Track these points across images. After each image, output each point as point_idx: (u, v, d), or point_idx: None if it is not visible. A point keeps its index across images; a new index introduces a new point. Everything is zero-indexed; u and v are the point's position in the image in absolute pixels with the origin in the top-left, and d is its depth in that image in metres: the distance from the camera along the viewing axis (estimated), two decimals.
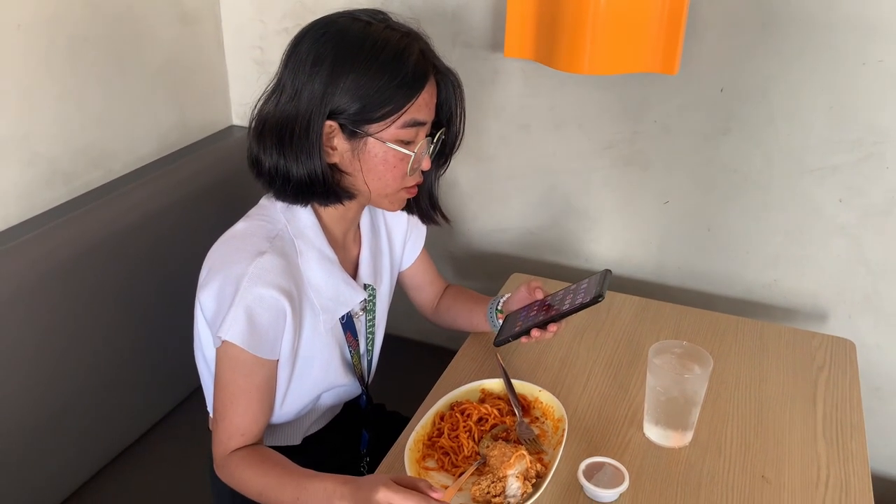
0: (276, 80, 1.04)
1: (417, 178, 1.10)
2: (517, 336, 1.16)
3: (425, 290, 1.39)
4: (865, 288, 1.55)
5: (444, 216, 1.23)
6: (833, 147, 1.46)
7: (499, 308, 1.27)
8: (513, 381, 1.20)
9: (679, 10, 1.37)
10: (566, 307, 1.13)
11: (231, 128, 1.87)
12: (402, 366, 1.46)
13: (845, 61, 1.39)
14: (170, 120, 1.67)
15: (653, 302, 1.51)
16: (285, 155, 1.02)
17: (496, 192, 1.74)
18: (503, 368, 1.22)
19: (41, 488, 1.30)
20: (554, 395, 1.17)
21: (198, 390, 1.55)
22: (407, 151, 1.04)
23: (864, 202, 1.48)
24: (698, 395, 1.11)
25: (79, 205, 1.41)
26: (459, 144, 1.16)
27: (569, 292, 1.17)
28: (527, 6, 1.46)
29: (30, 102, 1.33)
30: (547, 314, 1.15)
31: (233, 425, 1.05)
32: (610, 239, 1.72)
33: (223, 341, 1.01)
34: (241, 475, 1.04)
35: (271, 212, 1.09)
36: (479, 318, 1.32)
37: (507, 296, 1.27)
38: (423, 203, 1.19)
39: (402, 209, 1.16)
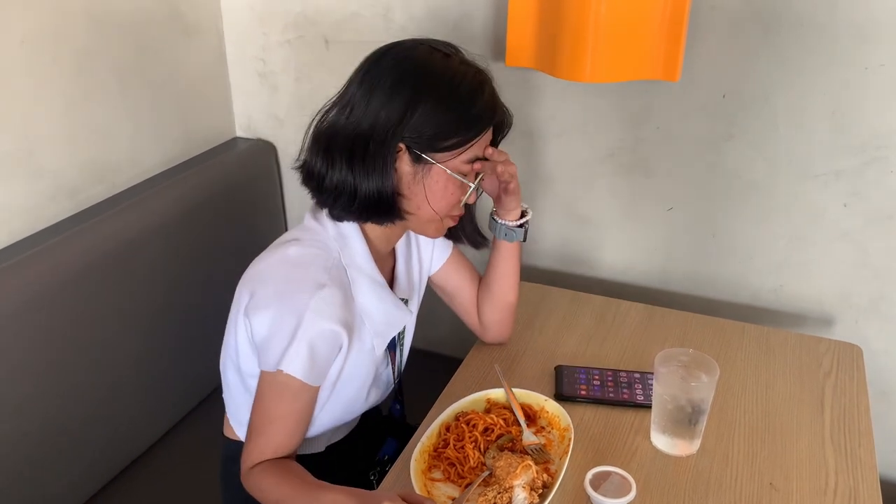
0: (342, 94, 1.05)
1: (462, 210, 1.12)
2: (584, 401, 1.23)
3: (465, 292, 1.33)
4: (871, 292, 1.55)
5: (483, 236, 1.27)
6: (837, 152, 1.46)
7: (493, 217, 1.25)
8: (519, 390, 1.20)
9: (680, 17, 1.37)
10: (639, 398, 1.23)
11: (234, 139, 1.87)
12: (409, 376, 1.45)
13: (847, 66, 1.39)
14: (173, 132, 1.67)
15: (658, 309, 1.51)
16: (355, 171, 1.02)
17: None
18: (504, 381, 1.21)
19: (51, 499, 1.30)
20: (559, 404, 1.17)
21: (205, 401, 1.56)
22: (467, 182, 1.07)
23: (869, 207, 1.48)
24: (705, 403, 1.10)
25: (83, 219, 1.41)
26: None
27: (647, 383, 1.25)
28: (528, 15, 1.46)
29: (34, 117, 1.34)
30: (616, 393, 1.24)
31: (267, 443, 1.07)
32: (614, 246, 1.72)
33: (281, 372, 1.02)
34: (261, 484, 1.05)
35: (324, 237, 1.09)
36: (495, 253, 1.29)
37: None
38: (469, 229, 1.23)
39: (451, 240, 1.24)
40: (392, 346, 1.20)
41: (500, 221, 1.24)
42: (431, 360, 1.78)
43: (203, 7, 1.71)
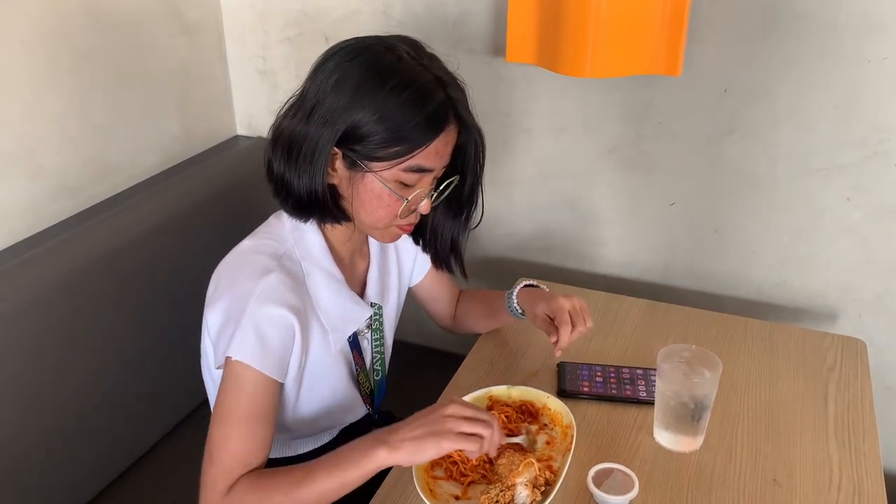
0: (301, 90, 1.03)
1: (412, 219, 1.08)
2: (587, 397, 1.23)
3: (441, 302, 1.38)
4: (875, 287, 1.54)
5: (463, 271, 1.22)
6: (838, 146, 1.46)
7: (515, 303, 1.26)
8: (521, 387, 1.19)
9: (681, 12, 1.36)
10: (642, 394, 1.22)
11: (235, 137, 1.87)
12: (409, 372, 1.45)
13: (849, 60, 1.39)
14: (173, 131, 1.67)
15: (661, 304, 1.50)
16: (289, 168, 1.01)
17: (501, 197, 1.74)
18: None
19: (49, 502, 1.30)
20: (562, 400, 1.16)
21: (203, 404, 1.55)
22: (401, 196, 1.01)
23: (872, 201, 1.47)
24: (708, 399, 1.10)
25: (84, 218, 1.41)
26: (475, 205, 1.15)
27: (650, 379, 1.25)
28: (528, 11, 1.46)
29: (34, 117, 1.34)
30: (618, 389, 1.23)
31: (232, 456, 0.98)
32: (616, 242, 1.71)
33: (231, 361, 0.99)
34: (251, 499, 0.96)
35: (279, 230, 1.08)
36: (502, 316, 1.31)
37: (519, 286, 1.27)
38: (443, 248, 1.18)
39: (418, 245, 1.20)
40: (357, 346, 1.18)
41: (519, 310, 1.26)
42: (427, 356, 1.78)
43: (203, 5, 1.70)
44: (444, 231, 1.16)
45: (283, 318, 1.01)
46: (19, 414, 1.21)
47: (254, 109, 1.86)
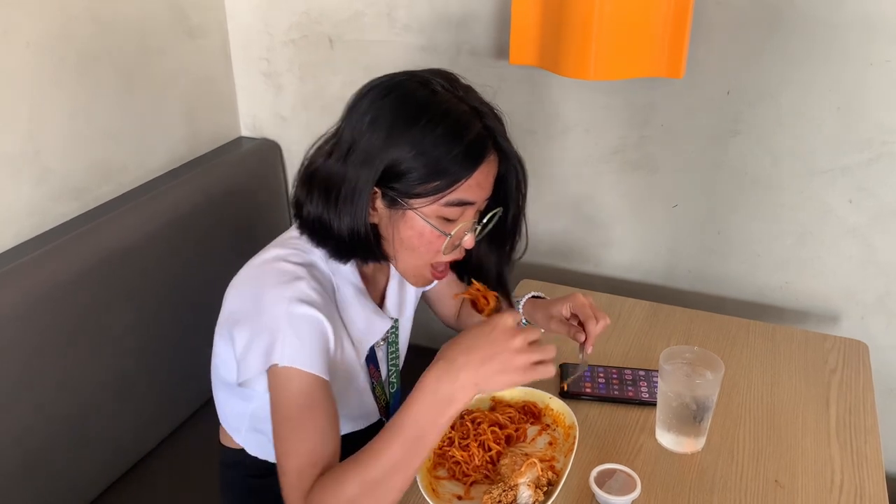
0: (335, 128, 1.01)
1: (457, 255, 1.05)
2: (589, 398, 1.23)
3: (446, 303, 1.38)
4: (878, 289, 1.54)
5: (510, 301, 1.18)
6: (842, 148, 1.46)
7: (521, 314, 1.26)
8: (523, 388, 1.20)
9: (683, 14, 1.36)
10: (644, 395, 1.23)
11: (240, 139, 1.88)
12: (414, 373, 1.45)
13: (852, 61, 1.39)
14: (179, 133, 1.68)
15: (663, 306, 1.51)
16: (328, 210, 0.99)
17: None
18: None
19: (52, 502, 1.30)
20: (564, 401, 1.17)
21: (206, 404, 1.56)
22: (443, 232, 0.99)
23: (875, 203, 1.47)
24: (710, 401, 1.10)
25: (90, 219, 1.42)
26: (519, 235, 1.13)
27: (652, 380, 1.25)
28: (531, 13, 1.46)
29: (40, 119, 1.35)
30: (621, 391, 1.24)
31: (301, 457, 0.94)
32: (619, 244, 1.72)
33: (277, 368, 0.96)
34: (329, 496, 0.90)
35: (305, 244, 1.06)
36: None
37: (526, 297, 1.27)
38: (488, 283, 1.14)
39: (463, 281, 1.17)
40: (373, 360, 1.17)
41: (524, 321, 1.26)
42: (432, 357, 1.78)
43: (208, 9, 1.71)
44: (488, 265, 1.13)
45: (319, 321, 0.99)
46: (26, 412, 1.22)
47: (258, 111, 1.87)
